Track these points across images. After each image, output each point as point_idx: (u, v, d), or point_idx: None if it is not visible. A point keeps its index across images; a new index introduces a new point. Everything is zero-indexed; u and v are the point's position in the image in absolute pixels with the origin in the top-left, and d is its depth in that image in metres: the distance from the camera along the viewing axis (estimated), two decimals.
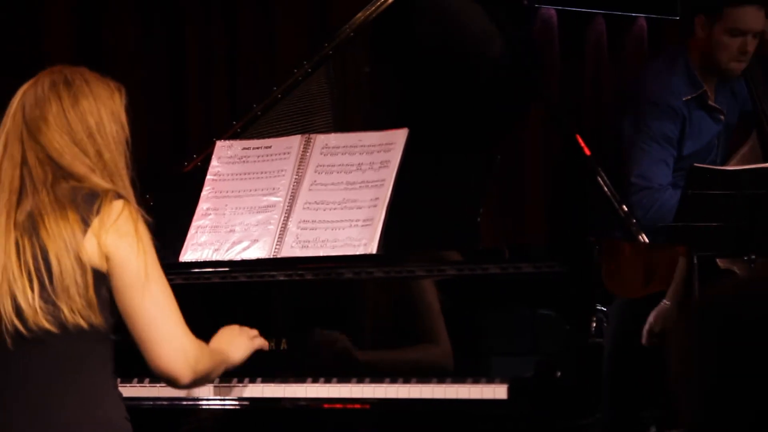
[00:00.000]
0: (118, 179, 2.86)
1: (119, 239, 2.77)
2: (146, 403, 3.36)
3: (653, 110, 4.73)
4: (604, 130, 5.68)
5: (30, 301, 2.74)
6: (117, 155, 2.89)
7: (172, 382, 2.84)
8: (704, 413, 1.66)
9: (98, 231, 2.77)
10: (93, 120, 2.87)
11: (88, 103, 2.88)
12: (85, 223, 2.77)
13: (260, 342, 3.24)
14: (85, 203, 2.79)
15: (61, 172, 2.83)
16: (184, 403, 3.29)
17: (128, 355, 2.86)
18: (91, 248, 2.77)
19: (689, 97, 4.73)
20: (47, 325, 2.73)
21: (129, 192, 2.87)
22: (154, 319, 2.78)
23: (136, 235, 2.78)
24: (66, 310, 2.73)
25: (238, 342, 3.17)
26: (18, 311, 2.74)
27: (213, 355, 2.97)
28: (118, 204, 2.80)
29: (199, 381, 2.91)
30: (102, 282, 2.77)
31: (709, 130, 4.80)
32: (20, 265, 2.76)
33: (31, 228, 2.78)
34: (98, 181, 2.82)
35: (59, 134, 2.84)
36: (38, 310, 2.74)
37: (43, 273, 2.75)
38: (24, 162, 2.84)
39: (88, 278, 2.75)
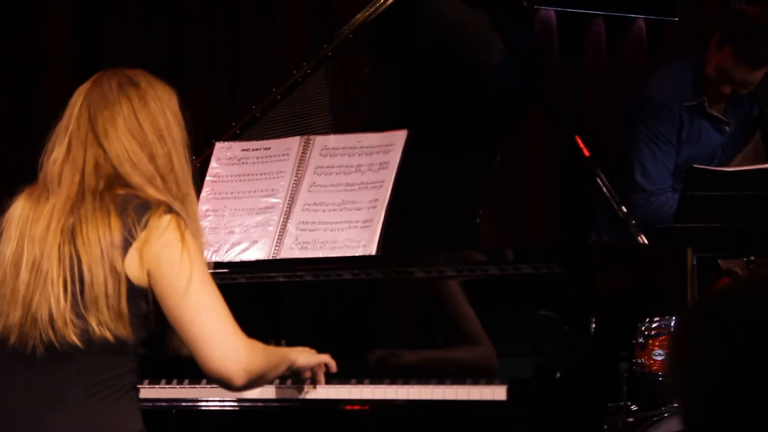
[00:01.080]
0: (184, 182, 2.82)
1: (161, 251, 2.72)
2: (145, 404, 3.36)
3: (652, 109, 4.74)
4: (604, 131, 5.69)
5: (62, 311, 2.71)
6: (182, 157, 2.85)
7: (226, 384, 2.79)
8: (704, 416, 1.66)
9: (141, 247, 2.72)
10: (163, 122, 2.83)
11: (156, 105, 2.84)
12: (131, 235, 2.73)
13: (327, 357, 3.19)
14: (136, 213, 2.74)
15: (118, 180, 2.79)
16: (183, 404, 3.29)
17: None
18: (132, 263, 2.72)
19: (690, 104, 4.74)
20: (74, 339, 2.70)
21: (192, 198, 2.84)
22: (200, 323, 2.73)
23: (180, 244, 2.73)
24: (94, 323, 2.70)
25: (301, 349, 3.14)
26: (51, 320, 2.71)
27: (268, 354, 2.91)
28: (166, 219, 2.75)
29: (255, 381, 2.84)
30: (140, 297, 2.73)
31: (711, 139, 4.80)
32: (59, 274, 2.73)
33: (71, 236, 2.75)
34: (152, 192, 2.78)
35: (127, 138, 2.80)
36: (68, 322, 2.71)
37: (76, 283, 2.72)
38: (83, 168, 2.80)
39: (121, 288, 2.70)
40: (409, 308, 3.39)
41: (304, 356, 3.13)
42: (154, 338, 2.78)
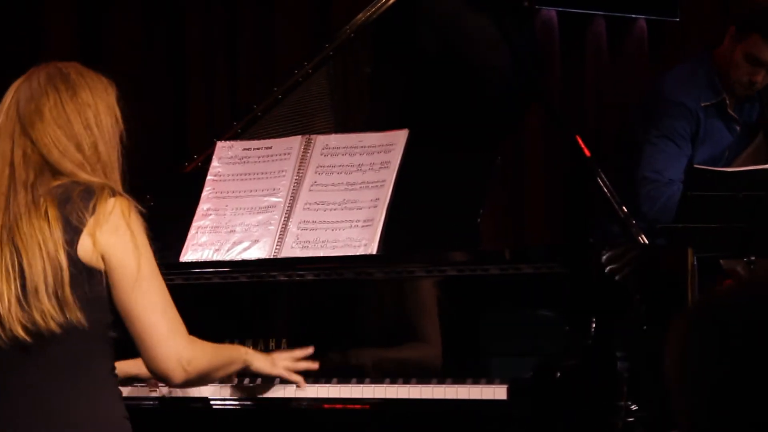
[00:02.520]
0: (110, 172, 2.85)
1: (113, 237, 2.76)
2: (146, 402, 3.36)
3: (669, 108, 4.73)
4: (605, 131, 5.69)
5: (7, 308, 2.73)
6: (111, 148, 2.87)
7: (165, 380, 2.85)
8: (702, 417, 1.66)
9: (93, 230, 2.75)
10: (91, 112, 2.85)
11: (85, 95, 2.86)
12: (80, 222, 2.76)
13: (286, 372, 3.21)
14: (81, 200, 2.77)
15: (48, 169, 2.81)
16: (191, 404, 3.29)
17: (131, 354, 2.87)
18: (85, 248, 2.75)
19: (708, 103, 4.74)
20: (21, 333, 2.71)
21: (118, 185, 2.85)
22: (148, 319, 2.77)
23: (129, 232, 2.77)
24: (37, 316, 2.72)
25: (262, 355, 3.16)
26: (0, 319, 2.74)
27: (214, 355, 2.95)
28: (112, 201, 2.78)
29: (196, 380, 2.90)
30: (95, 279, 2.75)
31: (723, 139, 4.80)
32: (2, 272, 2.75)
33: (9, 233, 2.77)
34: (87, 177, 2.80)
35: (53, 128, 2.82)
36: (15, 317, 2.72)
37: (17, 279, 2.74)
38: (12, 160, 2.82)
39: (63, 277, 2.72)
40: (410, 307, 3.39)
41: (261, 362, 3.15)
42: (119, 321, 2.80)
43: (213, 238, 3.61)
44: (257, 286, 3.50)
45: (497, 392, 3.08)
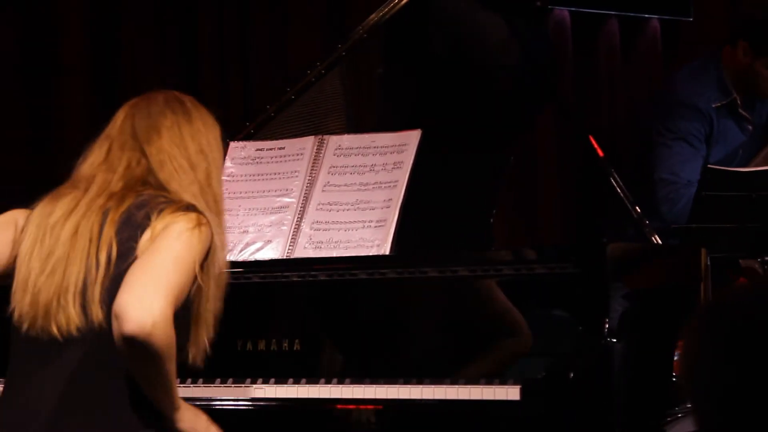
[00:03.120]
0: (220, 201, 2.86)
1: (171, 229, 2.74)
2: None
3: (682, 111, 4.71)
4: (618, 131, 5.68)
5: (68, 300, 2.76)
6: (220, 180, 2.90)
7: (120, 323, 2.65)
8: (717, 416, 1.66)
9: (155, 224, 2.76)
10: (204, 140, 2.88)
11: (199, 124, 2.90)
12: (147, 218, 2.76)
13: None
14: (155, 205, 2.78)
15: (152, 181, 2.82)
16: (197, 403, 3.29)
17: None
18: (144, 242, 2.76)
19: (719, 104, 4.73)
20: (74, 330, 2.74)
21: (223, 219, 2.87)
22: (145, 273, 2.70)
23: (188, 236, 2.73)
24: (62, 319, 2.75)
25: (197, 414, 2.91)
26: (57, 310, 2.76)
27: (171, 358, 2.73)
28: (192, 216, 2.76)
29: (142, 345, 2.65)
30: None
31: (735, 139, 4.79)
32: (72, 264, 2.78)
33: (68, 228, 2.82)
34: (186, 197, 2.81)
35: (169, 145, 2.84)
36: (71, 314, 2.75)
37: (60, 276, 2.78)
38: (117, 169, 2.84)
39: (98, 274, 2.75)
40: (423, 308, 3.39)
41: (188, 418, 2.85)
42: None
43: (226, 239, 3.61)
44: (270, 287, 3.50)
45: (510, 393, 3.07)
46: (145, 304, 2.66)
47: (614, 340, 3.12)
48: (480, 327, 3.29)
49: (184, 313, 2.77)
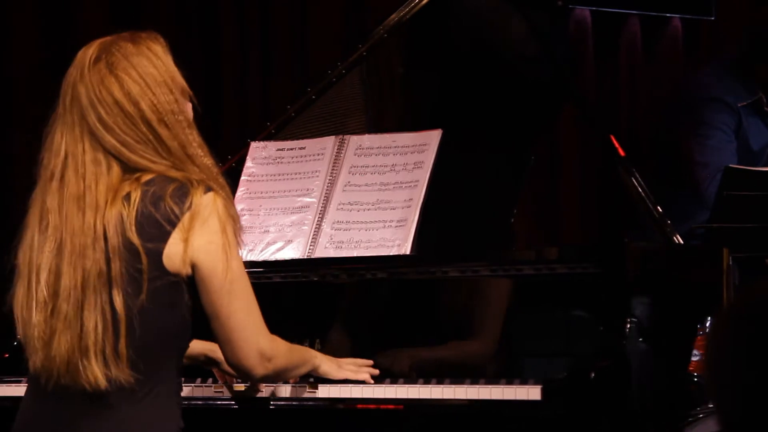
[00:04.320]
0: (188, 164, 2.72)
1: (207, 241, 2.68)
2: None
3: (709, 104, 4.70)
4: (639, 130, 5.67)
5: (63, 357, 2.70)
6: (180, 133, 2.74)
7: (247, 375, 2.85)
8: (740, 416, 1.66)
9: (187, 235, 2.66)
10: (147, 102, 2.70)
11: (138, 88, 2.70)
12: (170, 223, 2.66)
13: (351, 373, 3.21)
14: (174, 200, 2.67)
15: (120, 166, 2.69)
16: (219, 402, 3.30)
17: None
18: (175, 253, 2.67)
19: (745, 102, 4.72)
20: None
21: (213, 171, 2.74)
22: (236, 320, 2.74)
23: (222, 234, 2.69)
24: (86, 377, 2.67)
25: (328, 357, 3.17)
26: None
27: (291, 353, 2.97)
28: (209, 199, 2.68)
29: (272, 377, 2.93)
30: (178, 287, 2.69)
31: (761, 138, 4.78)
32: (61, 317, 2.68)
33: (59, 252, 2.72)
34: (174, 172, 2.69)
35: (119, 127, 2.69)
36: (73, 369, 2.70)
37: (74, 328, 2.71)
38: (85, 170, 2.70)
39: (120, 329, 2.66)
40: (444, 308, 3.39)
41: (328, 365, 3.16)
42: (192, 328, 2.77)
43: (247, 238, 3.61)
44: (291, 287, 3.51)
45: (531, 393, 3.07)
46: (252, 351, 2.78)
47: (635, 341, 3.12)
48: (501, 327, 3.28)
49: None
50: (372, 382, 3.22)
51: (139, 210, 2.68)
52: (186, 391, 3.16)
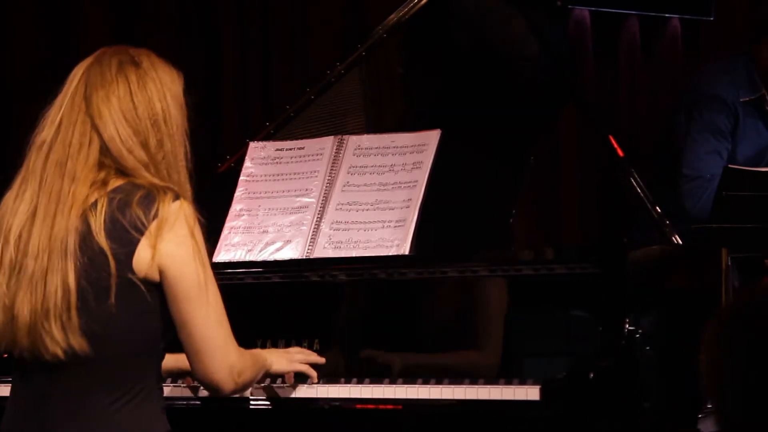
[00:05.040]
0: (174, 172, 2.74)
1: (175, 247, 2.67)
2: (180, 402, 3.37)
3: (707, 103, 4.71)
4: (638, 131, 5.67)
5: (31, 322, 2.68)
6: (178, 146, 2.76)
7: (214, 391, 2.80)
8: (739, 417, 1.65)
9: (154, 240, 2.66)
10: (159, 106, 2.73)
11: (154, 87, 2.74)
12: (138, 230, 2.65)
13: (303, 366, 3.23)
14: (140, 207, 2.66)
15: (107, 161, 2.69)
16: (212, 404, 3.30)
17: None
18: (143, 259, 2.66)
19: (747, 99, 4.71)
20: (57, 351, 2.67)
21: (185, 186, 2.76)
22: (205, 331, 2.71)
23: (192, 241, 2.68)
24: (47, 340, 2.64)
25: (278, 354, 3.17)
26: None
27: (255, 365, 2.95)
28: (176, 206, 2.68)
29: (239, 390, 2.88)
30: (147, 292, 2.68)
31: (761, 137, 4.77)
32: (26, 281, 2.67)
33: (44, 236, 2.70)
34: (150, 177, 2.70)
35: (120, 122, 2.70)
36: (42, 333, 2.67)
37: (38, 293, 2.68)
38: (69, 150, 2.70)
39: (71, 299, 2.63)
40: (442, 308, 3.39)
41: (278, 363, 3.15)
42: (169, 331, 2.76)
43: (246, 239, 3.62)
44: (289, 287, 3.51)
45: (530, 393, 3.07)
46: (223, 365, 2.74)
47: (633, 341, 3.12)
48: (500, 327, 3.28)
49: None
50: (316, 381, 3.24)
51: (107, 217, 2.67)
52: (167, 391, 3.17)
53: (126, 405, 2.69)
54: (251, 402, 3.33)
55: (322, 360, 3.27)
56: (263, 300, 3.53)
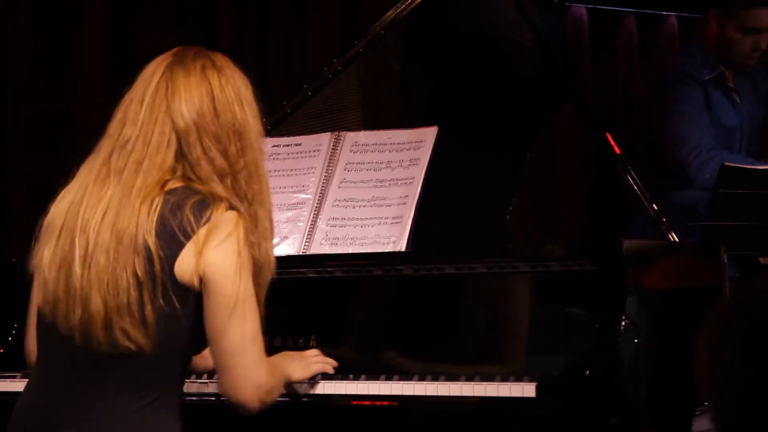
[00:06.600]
0: (255, 182, 2.72)
1: (221, 257, 2.65)
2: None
3: (682, 80, 4.74)
4: (635, 128, 5.68)
5: (92, 317, 2.68)
6: (258, 155, 2.74)
7: (239, 408, 2.77)
8: (734, 415, 1.65)
9: (201, 248, 2.63)
10: (240, 115, 2.72)
11: (234, 94, 2.73)
12: (185, 234, 2.64)
13: (320, 366, 3.19)
14: (193, 211, 2.65)
15: (182, 167, 2.69)
16: (212, 399, 3.29)
17: None
18: (187, 265, 2.65)
19: (709, 76, 4.75)
20: (105, 346, 2.67)
21: (265, 196, 2.74)
22: (239, 346, 2.68)
23: (238, 254, 2.65)
24: (118, 334, 2.64)
25: (296, 362, 3.12)
26: (105, 320, 2.68)
27: (280, 381, 2.92)
28: (229, 215, 2.66)
29: (263, 408, 2.83)
30: (184, 298, 2.67)
31: (728, 115, 4.80)
32: (96, 278, 2.67)
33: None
34: (215, 187, 2.67)
35: (203, 127, 2.68)
36: (97, 329, 2.67)
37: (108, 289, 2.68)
38: (148, 150, 2.69)
39: (144, 296, 2.63)
40: (439, 305, 3.39)
41: (299, 373, 3.11)
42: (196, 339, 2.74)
43: None
44: (286, 283, 3.50)
45: (526, 390, 3.07)
46: (252, 383, 2.71)
47: (630, 338, 3.12)
48: (497, 323, 3.28)
49: None
50: (336, 363, 3.20)
51: (159, 217, 2.66)
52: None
53: (146, 407, 2.68)
54: None
55: (335, 364, 3.24)
56: None
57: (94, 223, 2.68)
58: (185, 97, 2.70)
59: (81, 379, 2.69)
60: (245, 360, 2.70)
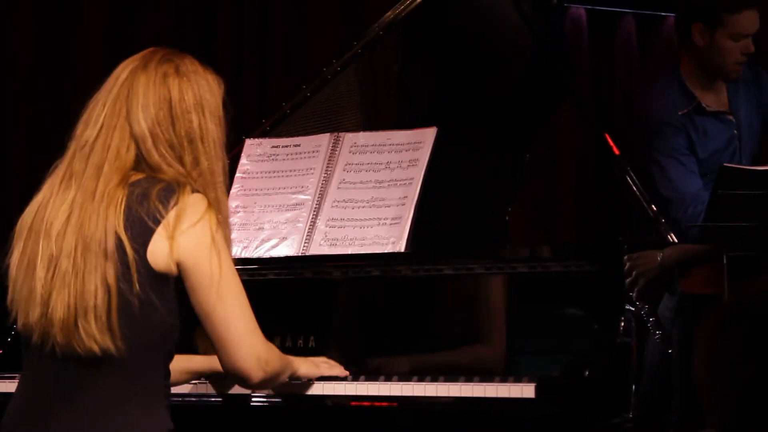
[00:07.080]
0: (211, 190, 2.75)
1: (193, 239, 2.68)
2: (183, 399, 3.36)
3: (660, 128, 4.72)
4: (634, 129, 5.67)
5: (63, 319, 2.70)
6: (214, 162, 2.78)
7: (243, 380, 2.82)
8: (732, 414, 1.66)
9: (172, 232, 2.66)
10: (197, 122, 2.75)
11: (195, 101, 2.76)
12: (155, 221, 2.66)
13: (328, 369, 3.21)
14: (159, 198, 2.67)
15: (138, 166, 2.72)
16: (212, 399, 3.30)
17: None
18: (160, 252, 2.67)
19: (685, 110, 4.72)
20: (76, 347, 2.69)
21: (222, 203, 2.77)
22: (228, 320, 2.72)
23: (209, 232, 2.68)
24: (82, 334, 2.66)
25: (304, 359, 3.15)
26: (64, 322, 2.69)
27: (282, 358, 2.94)
28: (196, 197, 2.69)
29: (268, 381, 2.88)
30: (164, 286, 2.69)
31: (722, 133, 4.78)
32: (60, 278, 2.70)
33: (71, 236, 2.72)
34: (173, 174, 2.71)
35: (157, 135, 2.72)
36: (66, 331, 2.69)
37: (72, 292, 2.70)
38: (108, 155, 2.72)
39: (111, 301, 2.65)
40: (438, 306, 3.39)
41: (306, 367, 3.14)
42: (180, 328, 2.75)
43: (241, 236, 3.62)
44: (285, 284, 3.51)
45: (525, 390, 3.07)
46: (250, 353, 2.75)
47: (629, 339, 3.12)
48: (496, 324, 3.28)
49: None
50: (348, 374, 3.21)
51: (126, 208, 2.69)
52: (183, 387, 3.17)
53: (131, 400, 2.69)
54: (252, 399, 3.33)
55: (346, 373, 3.25)
56: (259, 297, 3.52)
57: (57, 226, 2.71)
58: (143, 104, 2.74)
59: (56, 378, 2.71)
60: (239, 330, 2.74)
